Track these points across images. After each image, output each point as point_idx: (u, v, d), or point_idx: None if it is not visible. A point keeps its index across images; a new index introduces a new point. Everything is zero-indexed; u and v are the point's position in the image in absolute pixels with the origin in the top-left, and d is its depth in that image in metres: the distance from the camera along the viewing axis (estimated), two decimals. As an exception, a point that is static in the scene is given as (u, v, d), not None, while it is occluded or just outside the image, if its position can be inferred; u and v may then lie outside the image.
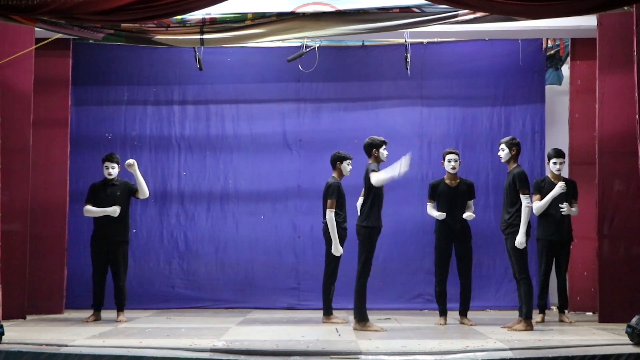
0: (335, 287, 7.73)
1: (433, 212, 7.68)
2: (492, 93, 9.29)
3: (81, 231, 9.06)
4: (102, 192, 7.82)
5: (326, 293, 7.69)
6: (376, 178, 6.92)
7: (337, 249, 7.54)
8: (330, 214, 7.55)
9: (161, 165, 9.33)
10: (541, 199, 7.66)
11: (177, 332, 6.74)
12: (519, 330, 6.85)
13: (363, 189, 7.33)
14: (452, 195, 7.64)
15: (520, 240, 6.92)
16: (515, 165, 7.18)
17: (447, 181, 7.70)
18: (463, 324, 7.51)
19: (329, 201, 7.62)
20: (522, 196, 6.99)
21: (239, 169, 9.34)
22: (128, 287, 9.02)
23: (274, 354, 5.59)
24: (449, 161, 7.65)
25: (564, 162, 7.90)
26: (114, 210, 7.69)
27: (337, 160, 7.78)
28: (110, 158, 7.86)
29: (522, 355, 5.53)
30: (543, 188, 7.74)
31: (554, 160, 7.78)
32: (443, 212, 7.58)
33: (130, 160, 7.77)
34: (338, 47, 9.29)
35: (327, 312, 7.67)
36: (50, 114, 8.39)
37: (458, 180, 7.70)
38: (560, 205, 7.63)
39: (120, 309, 7.78)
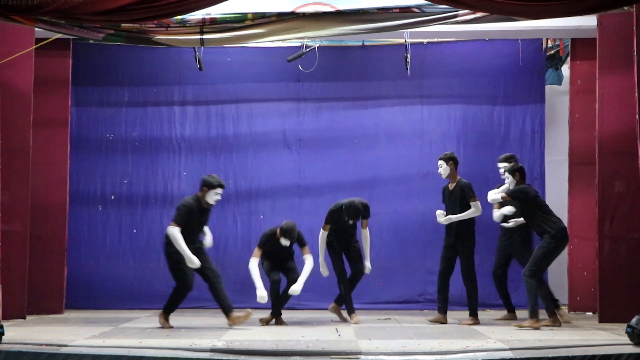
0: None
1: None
2: (492, 93, 9.29)
3: (81, 231, 9.09)
4: (197, 218, 7.25)
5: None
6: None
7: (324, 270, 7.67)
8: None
9: (162, 165, 9.33)
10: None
11: (177, 332, 6.74)
12: (525, 327, 6.94)
13: None
14: (448, 197, 7.71)
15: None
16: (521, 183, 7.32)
17: (449, 184, 7.76)
18: (461, 323, 7.51)
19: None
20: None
21: (239, 169, 9.34)
22: (128, 286, 9.08)
23: (274, 354, 5.59)
24: (438, 167, 7.76)
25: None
26: (193, 263, 7.06)
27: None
28: (222, 185, 7.32)
29: (522, 355, 5.53)
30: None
31: (498, 164, 7.94)
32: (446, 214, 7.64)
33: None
34: (338, 47, 9.29)
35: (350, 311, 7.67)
36: (50, 114, 8.38)
37: (455, 183, 7.71)
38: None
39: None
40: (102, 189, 9.25)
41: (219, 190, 7.25)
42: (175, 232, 7.06)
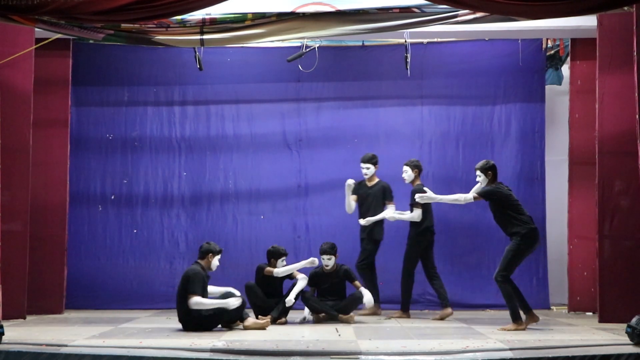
0: None
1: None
2: (492, 93, 9.30)
3: (81, 231, 9.09)
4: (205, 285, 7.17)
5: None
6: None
7: None
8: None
9: (162, 165, 9.34)
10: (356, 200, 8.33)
11: (177, 332, 6.73)
12: (509, 330, 6.90)
13: None
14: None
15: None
16: (495, 183, 7.29)
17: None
18: (390, 317, 8.02)
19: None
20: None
21: (239, 169, 9.34)
22: (128, 287, 9.07)
23: (274, 354, 5.59)
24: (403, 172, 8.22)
25: (371, 167, 8.26)
26: (231, 305, 6.96)
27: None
28: (221, 250, 7.27)
29: (522, 355, 5.53)
30: (358, 191, 8.26)
31: (360, 165, 8.26)
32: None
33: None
34: (338, 47, 9.29)
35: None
36: (50, 114, 8.38)
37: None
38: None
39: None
40: (102, 189, 9.25)
41: (219, 256, 7.20)
42: (197, 299, 6.86)
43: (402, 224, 8.53)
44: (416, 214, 7.98)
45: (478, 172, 7.28)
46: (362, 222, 8.20)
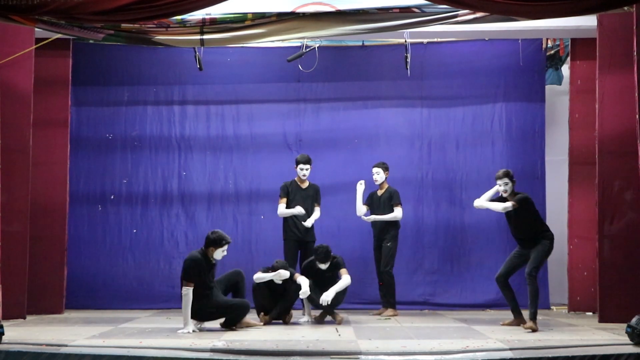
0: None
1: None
2: (492, 93, 9.30)
3: (81, 231, 9.10)
4: (205, 273, 6.93)
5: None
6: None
7: None
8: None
9: (161, 165, 9.34)
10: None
11: (177, 332, 6.73)
12: (532, 328, 6.90)
13: None
14: (377, 202, 8.41)
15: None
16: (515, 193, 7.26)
17: (377, 190, 8.45)
18: (382, 316, 8.10)
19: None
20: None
21: (239, 169, 9.35)
22: (128, 286, 9.07)
23: (274, 354, 5.59)
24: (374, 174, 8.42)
25: (310, 169, 8.29)
26: (188, 329, 6.70)
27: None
28: (229, 240, 7.10)
29: (522, 355, 5.53)
30: (289, 193, 8.30)
31: (300, 166, 8.28)
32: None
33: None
34: (338, 47, 9.30)
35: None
36: (50, 114, 8.38)
37: (384, 189, 8.39)
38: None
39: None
40: (102, 188, 9.26)
41: (226, 247, 7.03)
42: (188, 293, 6.74)
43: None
44: (399, 213, 8.21)
45: (505, 180, 7.18)
46: (307, 224, 8.18)
